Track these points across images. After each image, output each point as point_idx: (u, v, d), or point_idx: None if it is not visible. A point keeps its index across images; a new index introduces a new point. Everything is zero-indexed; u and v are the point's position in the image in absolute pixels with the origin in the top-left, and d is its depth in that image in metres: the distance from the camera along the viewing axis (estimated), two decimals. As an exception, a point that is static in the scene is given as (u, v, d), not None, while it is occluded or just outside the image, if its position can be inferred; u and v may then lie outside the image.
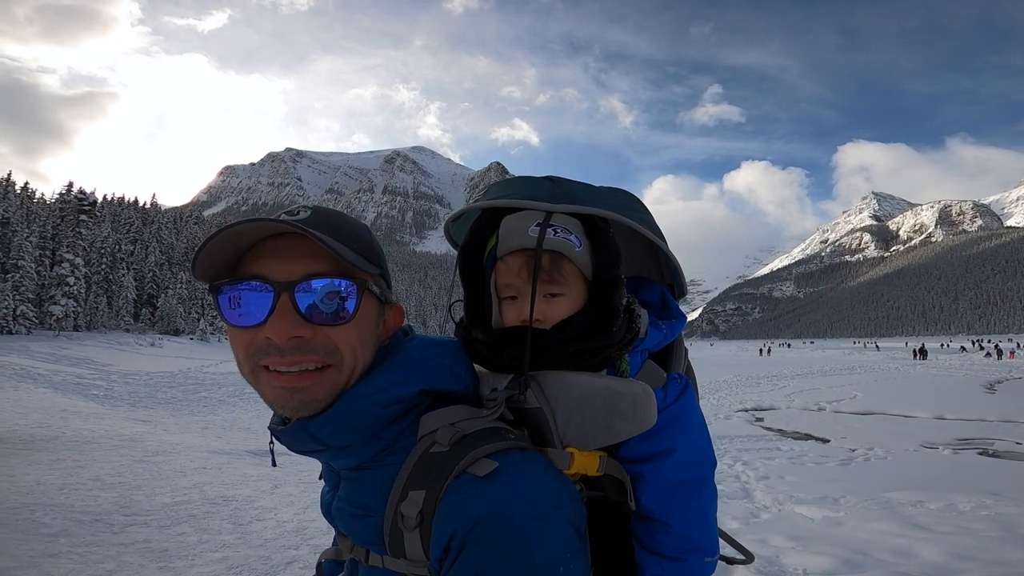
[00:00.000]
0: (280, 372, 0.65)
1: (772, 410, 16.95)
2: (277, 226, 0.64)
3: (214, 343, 50.42)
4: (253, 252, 0.66)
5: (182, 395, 16.16)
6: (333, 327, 0.66)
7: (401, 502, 0.65)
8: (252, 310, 0.65)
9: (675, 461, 0.80)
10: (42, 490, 4.09)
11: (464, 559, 0.59)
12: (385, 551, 0.67)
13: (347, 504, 0.73)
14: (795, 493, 6.79)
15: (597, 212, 0.82)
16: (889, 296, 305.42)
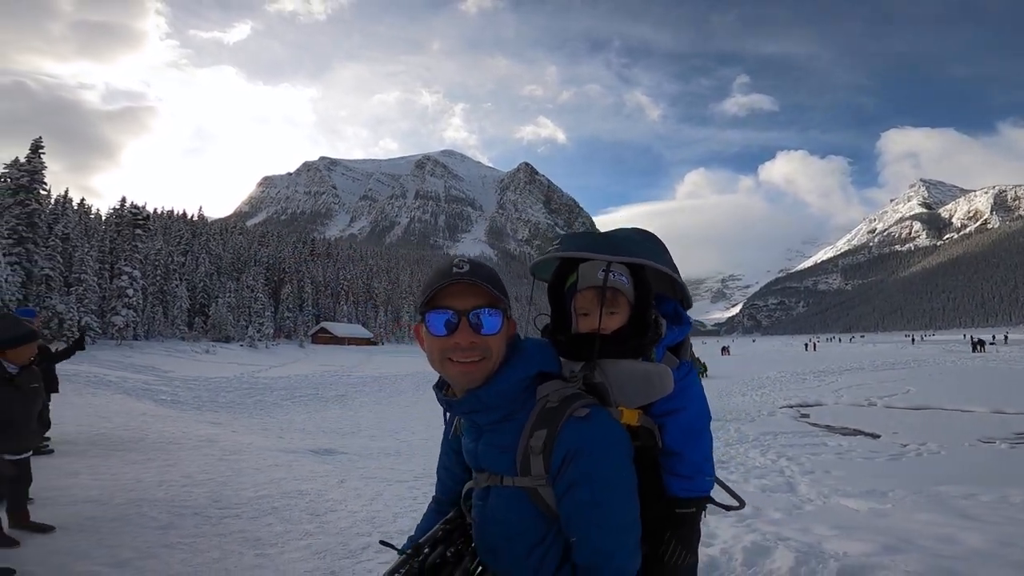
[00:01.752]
0: (461, 362, 1.08)
1: (819, 406, 16.53)
2: (459, 277, 1.08)
3: (262, 349, 52.58)
4: (443, 292, 1.09)
5: (239, 399, 17.08)
6: (489, 336, 1.09)
7: (530, 438, 1.08)
8: (445, 327, 1.08)
9: (686, 414, 1.31)
10: (143, 487, 4.59)
11: (574, 465, 1.04)
12: (516, 473, 1.09)
13: (491, 446, 1.13)
14: (841, 487, 6.76)
15: (636, 261, 1.31)
16: (945, 286, 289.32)
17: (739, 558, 2.74)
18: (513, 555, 1.09)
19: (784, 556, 2.63)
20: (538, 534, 1.07)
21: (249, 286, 60.59)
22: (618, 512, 1.04)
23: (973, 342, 46.60)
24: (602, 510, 1.02)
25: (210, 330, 54.05)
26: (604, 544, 1.02)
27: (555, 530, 1.07)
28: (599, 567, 1.02)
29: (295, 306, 67.74)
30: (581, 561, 1.04)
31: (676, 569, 1.24)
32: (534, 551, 1.07)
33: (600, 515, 1.02)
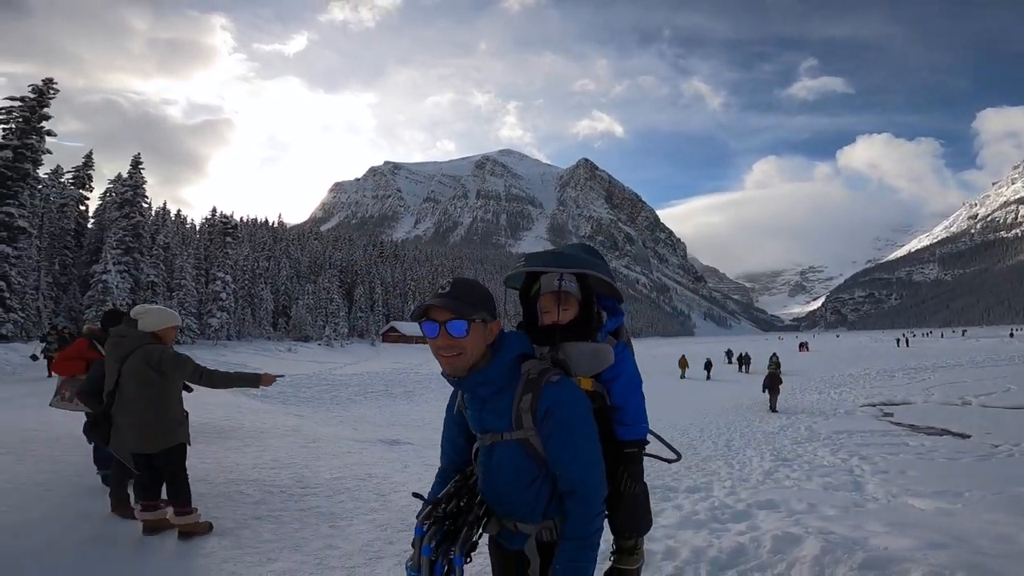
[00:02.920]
0: (445, 356, 1.45)
1: (905, 405, 15.56)
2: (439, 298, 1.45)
3: (337, 348, 55.71)
4: (431, 308, 1.45)
5: (318, 395, 18.40)
6: (460, 338, 1.43)
7: (520, 401, 1.46)
8: (432, 332, 1.44)
9: (624, 378, 1.71)
10: (240, 469, 5.28)
11: (552, 416, 1.42)
12: (512, 429, 1.47)
13: (492, 413, 1.51)
14: (913, 487, 6.44)
15: (579, 271, 1.71)
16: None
17: (767, 545, 2.82)
18: (516, 493, 1.48)
19: (812, 545, 2.68)
20: (532, 473, 1.47)
21: (325, 288, 64.32)
22: (585, 449, 1.44)
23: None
24: (574, 448, 1.43)
25: (291, 330, 57.93)
26: (578, 473, 1.42)
27: (545, 471, 1.47)
28: (576, 490, 1.42)
29: (367, 306, 71.10)
30: (564, 488, 1.44)
31: (632, 496, 1.63)
32: (531, 487, 1.47)
33: (573, 452, 1.43)
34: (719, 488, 6.47)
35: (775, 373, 16.33)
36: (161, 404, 3.33)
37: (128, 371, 3.27)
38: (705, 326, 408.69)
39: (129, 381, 3.26)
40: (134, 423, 3.24)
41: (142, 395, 3.26)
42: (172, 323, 3.54)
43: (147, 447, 3.29)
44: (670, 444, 1.93)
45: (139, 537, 3.38)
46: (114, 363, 3.33)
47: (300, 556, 3.20)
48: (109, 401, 3.32)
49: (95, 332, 4.61)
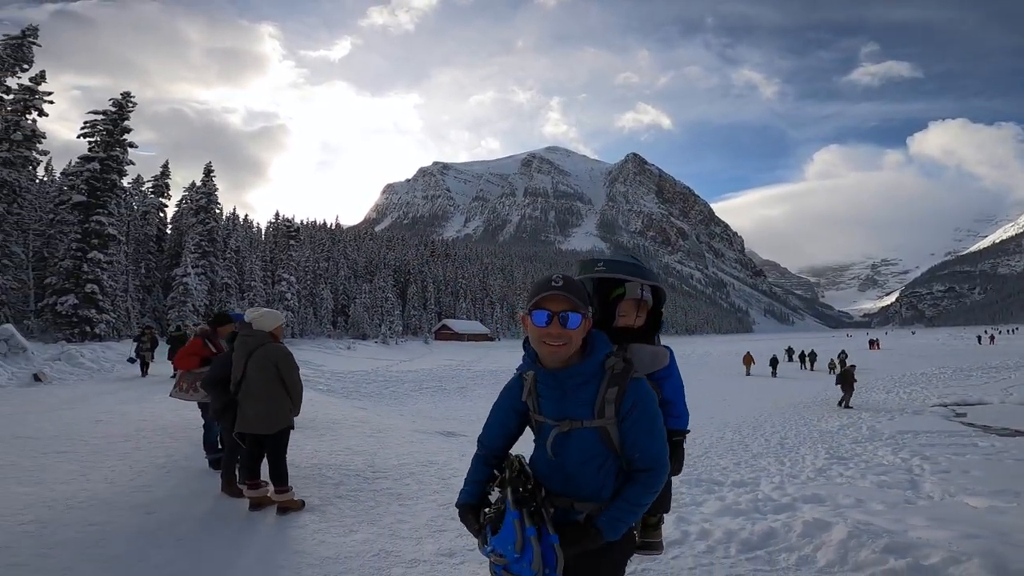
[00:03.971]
0: (551, 345, 1.56)
1: (981, 405, 14.69)
2: (555, 289, 1.57)
3: (392, 345, 57.65)
4: (544, 298, 1.57)
5: (377, 390, 19.40)
6: (571, 330, 1.56)
7: (606, 393, 1.58)
8: (542, 320, 1.56)
9: (674, 378, 2.00)
10: (320, 455, 5.94)
11: (638, 408, 1.57)
12: (594, 417, 1.58)
13: (574, 402, 1.61)
14: (973, 486, 6.26)
15: (655, 284, 2.03)
16: None
17: (798, 530, 3.01)
18: (586, 475, 1.61)
19: (840, 530, 2.84)
20: (603, 457, 1.60)
21: (380, 287, 66.72)
22: (661, 435, 1.61)
23: None
24: (656, 433, 1.60)
25: (350, 328, 60.50)
26: (657, 454, 1.59)
27: (612, 454, 1.61)
28: (653, 468, 1.59)
29: (419, 305, 73.14)
30: (642, 465, 1.59)
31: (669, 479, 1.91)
32: (600, 470, 1.60)
33: (654, 437, 1.59)
34: (767, 483, 6.56)
35: (849, 370, 15.96)
36: (279, 392, 3.99)
37: (254, 364, 3.94)
38: (765, 323, 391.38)
39: (255, 373, 3.93)
40: (259, 408, 3.91)
41: (265, 384, 3.93)
42: (281, 322, 4.27)
43: (268, 428, 3.94)
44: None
45: (245, 513, 3.99)
46: (241, 358, 4.00)
47: (376, 528, 3.70)
48: (236, 390, 3.99)
49: (206, 332, 5.41)
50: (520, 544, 1.50)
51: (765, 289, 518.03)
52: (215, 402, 4.27)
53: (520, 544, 1.50)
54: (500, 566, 1.56)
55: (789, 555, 2.79)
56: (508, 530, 1.52)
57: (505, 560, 1.54)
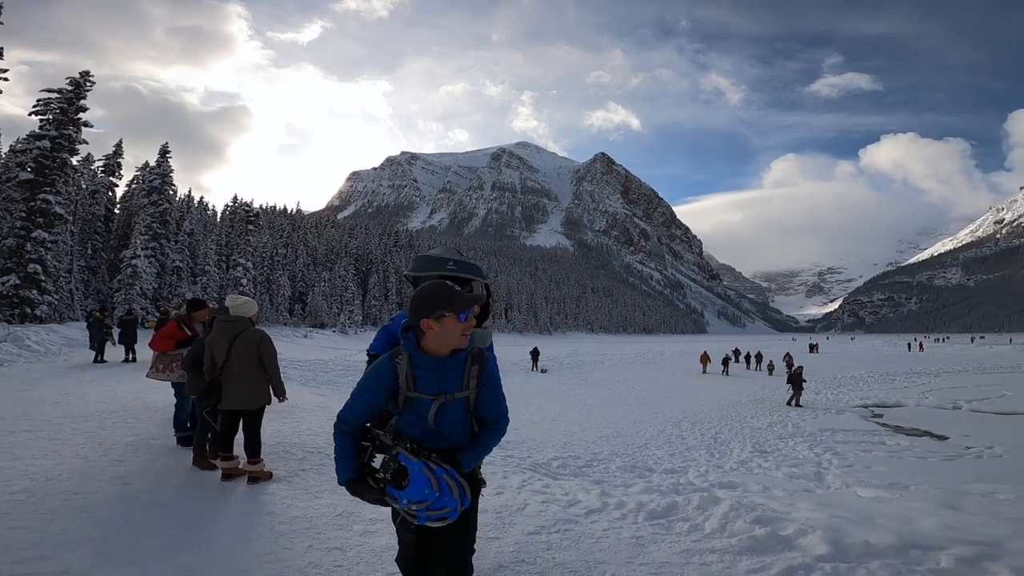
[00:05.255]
0: (465, 335, 1.97)
1: (897, 407, 16.12)
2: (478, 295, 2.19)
3: (351, 335, 57.05)
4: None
5: (335, 378, 19.48)
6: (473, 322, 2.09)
7: (470, 370, 2.00)
8: (464, 317, 1.95)
9: (491, 353, 2.20)
10: (283, 435, 6.28)
11: (491, 380, 2.05)
12: (462, 389, 1.99)
13: (450, 379, 1.98)
14: (870, 479, 7.16)
15: (487, 282, 2.42)
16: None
17: (695, 503, 3.65)
18: (457, 432, 2.00)
19: (725, 505, 3.48)
20: (467, 418, 2.03)
21: (340, 276, 65.78)
22: (503, 397, 2.09)
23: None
24: (499, 397, 2.07)
25: (307, 316, 59.45)
26: (503, 410, 2.08)
27: (471, 414, 2.04)
28: (499, 422, 2.08)
29: (381, 295, 72.48)
30: (493, 420, 2.07)
31: None
32: (466, 426, 2.03)
33: (499, 399, 2.07)
34: (693, 471, 7.31)
35: (798, 371, 17.32)
36: (260, 372, 4.45)
37: (239, 347, 4.37)
38: (719, 324, 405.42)
39: (240, 355, 4.36)
40: (245, 387, 4.35)
41: (252, 365, 4.38)
42: (256, 310, 4.75)
43: (252, 404, 4.40)
44: None
45: (219, 483, 4.38)
46: (224, 341, 4.38)
47: (338, 495, 4.12)
48: (219, 371, 4.36)
49: (181, 317, 5.70)
50: (436, 484, 1.82)
51: (720, 292, 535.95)
52: (196, 381, 4.61)
53: (436, 484, 1.82)
54: (421, 511, 1.86)
55: (684, 523, 3.41)
56: (419, 478, 1.83)
57: (427, 502, 1.83)
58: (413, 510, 1.86)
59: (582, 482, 5.08)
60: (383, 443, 1.91)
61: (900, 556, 2.87)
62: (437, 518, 1.87)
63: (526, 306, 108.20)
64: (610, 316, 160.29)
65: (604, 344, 73.82)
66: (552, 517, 3.63)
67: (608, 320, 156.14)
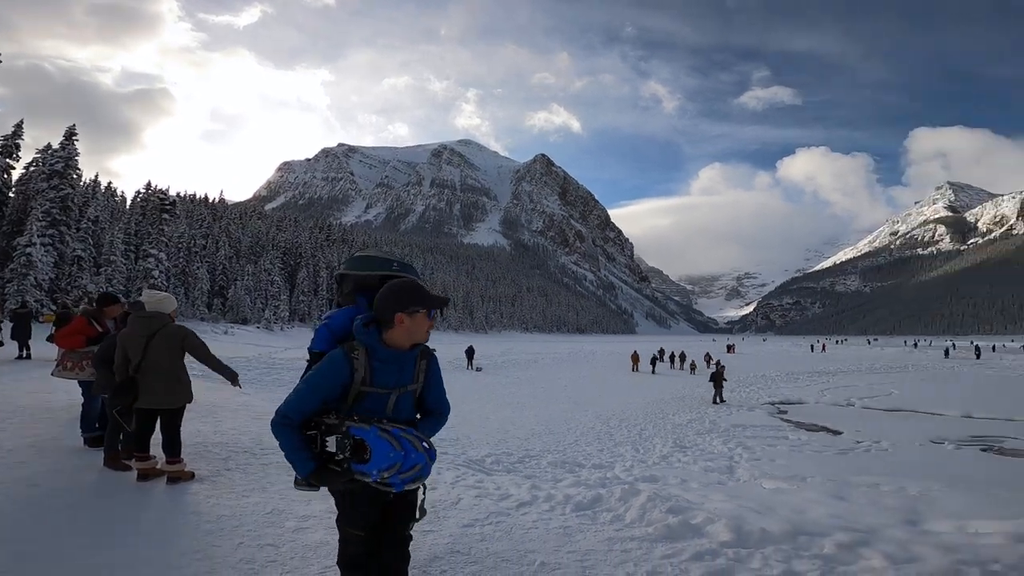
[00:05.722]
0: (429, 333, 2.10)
1: (799, 404, 17.53)
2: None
3: (277, 332, 54.49)
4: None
5: (259, 376, 18.57)
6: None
7: (420, 364, 2.11)
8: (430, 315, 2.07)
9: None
10: (203, 434, 5.96)
11: (436, 373, 2.20)
12: (413, 382, 2.09)
13: (408, 372, 2.07)
14: (773, 472, 7.83)
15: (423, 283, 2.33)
16: (965, 292, 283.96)
17: (617, 495, 3.94)
18: (407, 413, 2.09)
19: (643, 496, 3.80)
20: (414, 404, 2.14)
21: (266, 269, 62.61)
22: (444, 388, 2.23)
23: (976, 347, 46.94)
24: (442, 388, 2.21)
25: (228, 312, 56.11)
26: (445, 400, 2.22)
27: (417, 401, 2.14)
28: (443, 411, 2.22)
29: (310, 290, 69.68)
30: (437, 409, 2.21)
31: None
32: (412, 411, 2.13)
33: (441, 390, 2.21)
34: (620, 466, 7.70)
35: (720, 370, 18.44)
36: (182, 370, 4.29)
37: (159, 344, 4.15)
38: (647, 325, 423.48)
39: (160, 352, 4.14)
40: (167, 384, 4.14)
41: (173, 363, 4.19)
42: (175, 306, 4.55)
43: (174, 403, 4.20)
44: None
45: (134, 483, 4.15)
46: (140, 338, 4.15)
47: (267, 494, 4.04)
48: (134, 369, 4.12)
49: (91, 312, 5.30)
50: (397, 443, 1.85)
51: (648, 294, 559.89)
52: (107, 379, 4.36)
53: (397, 443, 1.85)
54: (395, 477, 1.86)
55: (608, 514, 3.67)
56: (378, 443, 1.84)
57: (397, 464, 1.84)
58: (386, 478, 1.85)
59: (514, 477, 5.25)
60: (329, 425, 1.89)
61: (790, 542, 3.23)
62: (413, 478, 1.90)
63: (462, 304, 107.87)
64: (544, 315, 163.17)
65: (538, 343, 75.14)
66: (485, 510, 3.76)
67: (543, 319, 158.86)
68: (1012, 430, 11.93)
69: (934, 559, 2.89)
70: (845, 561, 2.98)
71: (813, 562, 2.95)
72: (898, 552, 3.04)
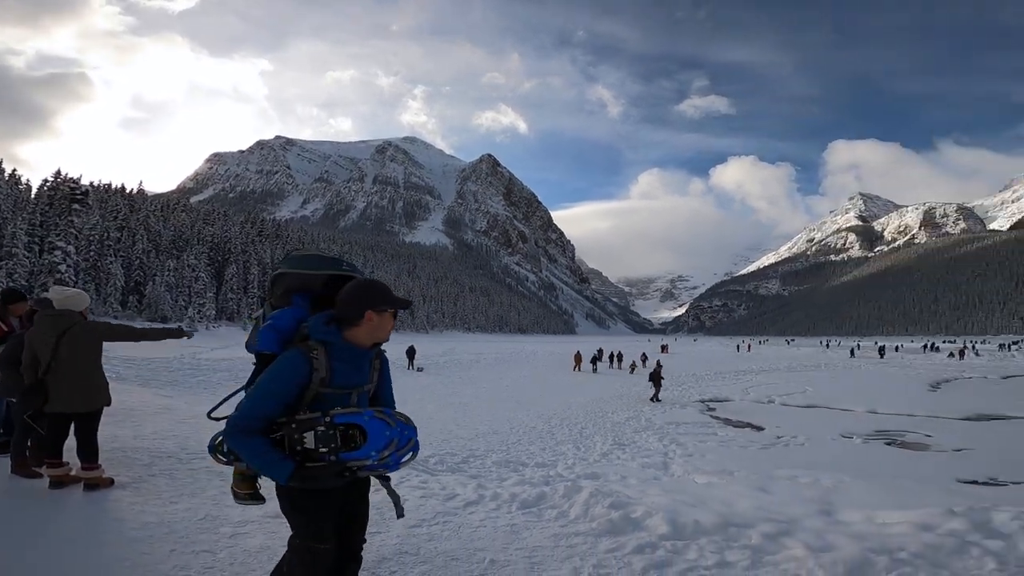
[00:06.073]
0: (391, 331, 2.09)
1: (727, 402, 18.49)
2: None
3: (202, 331, 51.20)
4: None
5: (182, 378, 17.41)
6: None
7: (374, 363, 2.11)
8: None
9: None
10: (122, 439, 5.52)
11: (387, 371, 2.22)
12: (368, 382, 2.09)
13: (366, 370, 2.07)
14: (704, 467, 8.26)
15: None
16: (871, 296, 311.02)
17: (560, 492, 4.05)
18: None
19: (586, 493, 3.95)
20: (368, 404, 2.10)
21: (190, 265, 58.74)
22: (392, 388, 2.24)
23: (879, 347, 51.64)
24: (390, 384, 2.22)
25: (145, 309, 52.18)
26: (392, 396, 2.21)
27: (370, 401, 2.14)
28: (393, 404, 2.19)
29: (239, 288, 65.98)
30: (388, 404, 2.17)
31: None
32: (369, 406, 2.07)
33: (391, 387, 2.21)
34: (562, 464, 7.86)
35: (657, 370, 19.12)
36: (99, 371, 3.98)
37: (69, 344, 3.79)
38: (586, 325, 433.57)
39: (72, 353, 3.80)
40: (81, 387, 3.81)
41: (87, 363, 3.87)
42: (88, 303, 4.21)
43: (88, 406, 3.89)
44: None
45: (46, 490, 3.83)
46: (50, 337, 3.79)
47: (198, 499, 3.84)
48: (43, 370, 3.77)
49: None
50: (390, 420, 1.87)
51: (588, 295, 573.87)
52: (14, 382, 4.01)
53: (390, 420, 1.87)
54: (393, 455, 1.85)
55: (552, 511, 3.76)
56: (373, 424, 1.84)
57: (394, 440, 1.84)
58: (386, 457, 1.83)
59: (459, 477, 5.24)
60: (301, 421, 1.83)
61: (722, 533, 3.43)
62: (410, 452, 1.90)
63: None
64: (487, 316, 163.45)
65: (480, 343, 75.12)
66: (432, 510, 3.76)
67: (485, 319, 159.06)
68: (911, 424, 13.13)
69: (848, 548, 3.14)
70: (770, 551, 3.19)
71: (743, 552, 3.15)
72: (816, 541, 3.27)
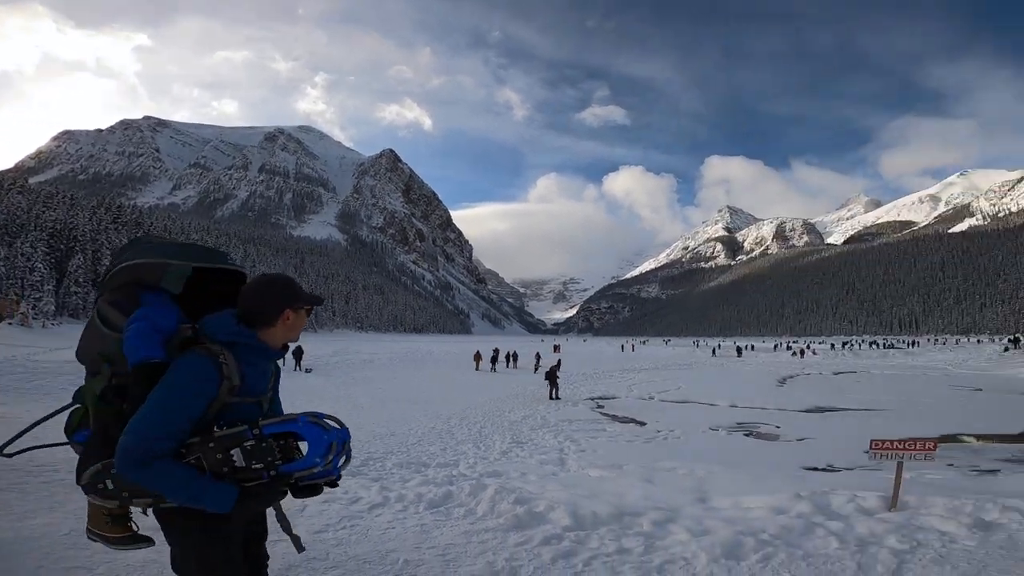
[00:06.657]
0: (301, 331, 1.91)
1: (613, 399, 19.66)
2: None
3: (37, 329, 43.78)
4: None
5: (17, 383, 14.82)
6: None
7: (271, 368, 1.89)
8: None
9: None
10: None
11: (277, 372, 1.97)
12: (270, 389, 1.84)
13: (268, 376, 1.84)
14: (597, 461, 8.76)
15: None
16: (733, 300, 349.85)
17: (466, 491, 4.17)
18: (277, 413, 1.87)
19: (491, 491, 4.12)
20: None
21: (25, 254, 50.10)
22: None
23: (737, 347, 58.38)
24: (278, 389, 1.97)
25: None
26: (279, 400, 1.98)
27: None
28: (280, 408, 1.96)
29: (86, 280, 57.35)
30: (278, 409, 1.92)
31: None
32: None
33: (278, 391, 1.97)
34: (464, 464, 7.92)
35: (554, 368, 19.82)
36: None
37: None
38: (482, 325, 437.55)
39: None
40: None
41: None
42: None
43: None
44: None
45: None
46: None
47: (59, 513, 3.41)
48: None
49: None
50: (322, 424, 1.68)
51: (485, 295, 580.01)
52: None
53: (322, 424, 1.68)
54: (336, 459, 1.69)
55: (460, 509, 3.85)
56: (310, 430, 1.66)
57: (334, 444, 1.66)
58: (331, 461, 1.66)
59: (361, 480, 5.13)
60: (221, 438, 1.59)
61: (617, 522, 3.75)
62: (348, 453, 1.76)
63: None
64: (381, 314, 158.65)
65: (374, 343, 72.61)
66: (336, 515, 3.68)
67: (379, 318, 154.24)
68: (764, 417, 14.95)
69: (722, 531, 3.60)
70: (659, 536, 3.56)
71: (637, 539, 3.48)
72: (696, 527, 3.71)
